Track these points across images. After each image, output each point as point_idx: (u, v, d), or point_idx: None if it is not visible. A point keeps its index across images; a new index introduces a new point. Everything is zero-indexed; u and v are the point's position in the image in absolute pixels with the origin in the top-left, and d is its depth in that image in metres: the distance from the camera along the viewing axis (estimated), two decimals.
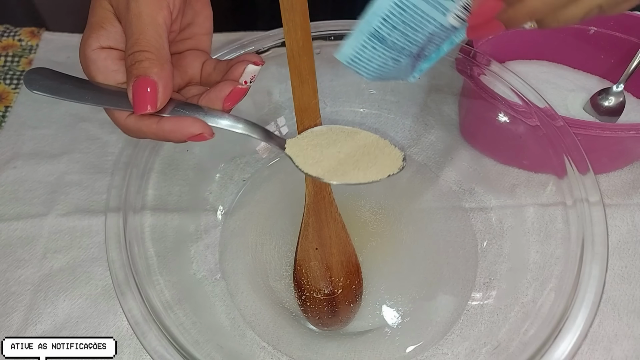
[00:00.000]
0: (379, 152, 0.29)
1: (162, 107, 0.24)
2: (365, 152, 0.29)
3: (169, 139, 0.24)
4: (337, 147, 0.29)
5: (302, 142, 0.29)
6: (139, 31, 0.23)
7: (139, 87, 0.23)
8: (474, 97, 0.40)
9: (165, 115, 0.24)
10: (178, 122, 0.24)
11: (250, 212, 0.41)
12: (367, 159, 0.29)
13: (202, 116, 0.25)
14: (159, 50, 0.23)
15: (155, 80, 0.23)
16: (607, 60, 0.45)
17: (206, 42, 0.29)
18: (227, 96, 0.25)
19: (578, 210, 0.31)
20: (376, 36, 0.24)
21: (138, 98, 0.23)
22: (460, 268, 0.38)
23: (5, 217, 0.41)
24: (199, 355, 0.28)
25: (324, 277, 0.36)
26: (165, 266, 0.33)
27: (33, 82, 0.24)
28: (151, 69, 0.23)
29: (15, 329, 0.35)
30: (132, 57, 0.23)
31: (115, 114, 0.25)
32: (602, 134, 0.35)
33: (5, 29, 0.54)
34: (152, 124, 0.24)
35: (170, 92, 0.24)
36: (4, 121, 0.47)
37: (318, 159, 0.28)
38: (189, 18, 0.28)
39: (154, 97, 0.23)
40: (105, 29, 0.25)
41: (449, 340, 0.34)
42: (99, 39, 0.24)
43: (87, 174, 0.44)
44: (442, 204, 0.42)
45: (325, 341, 0.35)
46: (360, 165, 0.28)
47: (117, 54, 0.25)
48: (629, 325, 0.35)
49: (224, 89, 0.25)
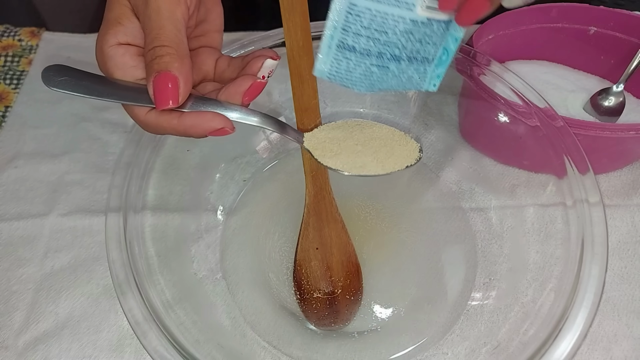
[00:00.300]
0: (395, 144, 0.29)
1: (183, 102, 0.24)
2: (382, 144, 0.29)
3: (189, 134, 0.24)
4: (354, 140, 0.29)
5: (319, 135, 0.29)
6: (158, 26, 0.23)
7: (161, 82, 0.23)
8: (474, 97, 0.40)
9: (185, 111, 0.24)
10: (199, 116, 0.24)
11: (251, 212, 0.42)
12: (385, 151, 0.29)
13: (222, 110, 0.25)
14: (178, 45, 0.23)
15: (176, 75, 0.23)
16: (607, 61, 0.45)
17: (218, 39, 0.29)
18: (246, 90, 0.25)
19: (578, 210, 0.31)
20: (344, 46, 0.23)
21: (159, 93, 0.23)
22: (460, 268, 0.38)
23: (7, 217, 0.41)
24: (200, 355, 0.28)
25: (324, 277, 0.36)
26: (165, 266, 0.33)
27: (50, 79, 0.24)
28: (172, 64, 0.23)
29: (16, 327, 0.36)
30: (153, 52, 0.23)
31: (134, 110, 0.25)
32: (602, 134, 0.35)
33: (5, 29, 0.54)
34: (173, 119, 0.24)
35: (191, 86, 0.24)
36: (4, 121, 0.48)
37: (336, 151, 0.29)
38: (201, 15, 0.28)
39: (175, 92, 0.23)
40: (123, 25, 0.24)
41: (449, 340, 0.34)
42: (116, 35, 0.24)
43: (88, 174, 0.44)
44: (442, 204, 0.42)
45: (325, 341, 0.36)
46: (378, 157, 0.29)
47: (135, 50, 0.25)
48: (629, 326, 0.35)
49: (244, 83, 0.25)
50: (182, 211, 0.38)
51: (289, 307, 0.37)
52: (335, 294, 0.36)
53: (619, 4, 0.59)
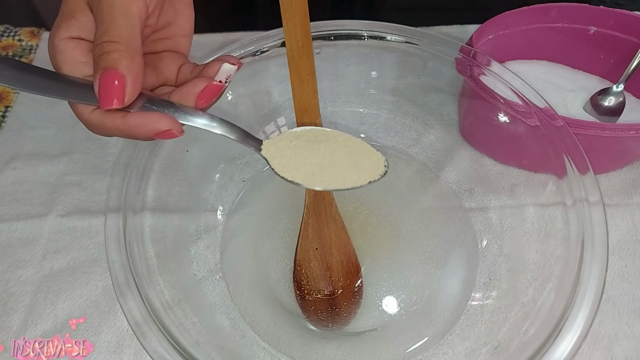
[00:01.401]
0: (360, 157, 0.28)
1: (129, 103, 0.22)
2: (346, 156, 0.28)
3: (134, 136, 0.23)
4: (316, 150, 0.28)
5: (280, 144, 0.28)
6: (109, 20, 0.22)
7: (106, 80, 0.21)
8: (474, 97, 0.40)
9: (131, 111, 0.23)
10: (144, 116, 0.23)
11: (250, 213, 0.41)
12: (348, 164, 0.27)
13: (173, 113, 0.23)
14: (129, 42, 0.22)
15: (123, 74, 0.21)
16: (607, 60, 0.45)
17: (185, 44, 0.28)
18: (201, 92, 0.24)
19: (578, 210, 0.30)
20: None
21: (104, 92, 0.21)
22: (460, 268, 0.38)
23: (6, 218, 0.41)
24: (199, 355, 0.27)
25: (324, 277, 0.36)
26: (165, 267, 0.33)
27: None
28: (120, 62, 0.21)
29: (15, 329, 0.35)
30: (100, 48, 0.22)
31: (79, 109, 0.23)
32: (602, 134, 0.35)
33: (5, 29, 0.54)
34: (117, 119, 0.22)
35: (140, 87, 0.22)
36: (3, 122, 0.47)
37: (296, 162, 0.27)
38: (169, 17, 0.27)
39: (121, 91, 0.21)
40: (76, 19, 0.23)
41: (449, 340, 0.34)
42: (68, 29, 0.23)
43: (87, 175, 0.44)
44: (442, 204, 0.42)
45: (325, 341, 0.35)
46: (341, 170, 0.27)
47: (87, 46, 0.23)
48: (629, 325, 0.35)
49: (198, 84, 0.24)
50: (182, 212, 0.38)
51: (288, 308, 0.37)
52: (335, 294, 0.36)
53: (619, 4, 0.59)
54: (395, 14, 0.62)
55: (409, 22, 0.39)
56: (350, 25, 0.39)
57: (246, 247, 0.39)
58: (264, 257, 0.39)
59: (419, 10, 0.61)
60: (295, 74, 0.28)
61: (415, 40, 0.39)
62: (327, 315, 0.36)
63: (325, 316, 0.36)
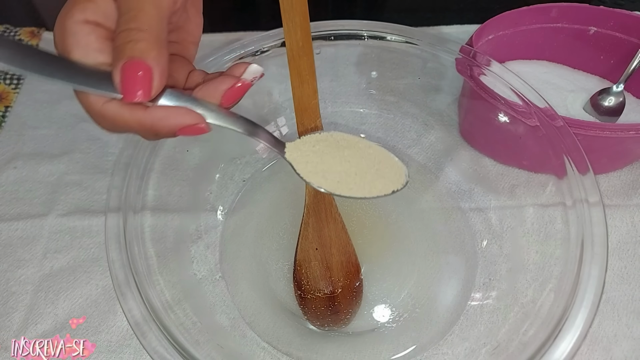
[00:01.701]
0: (382, 165, 0.28)
1: (155, 97, 0.21)
2: (369, 164, 0.28)
3: (156, 130, 0.21)
4: (339, 156, 0.28)
5: (303, 147, 0.28)
6: (138, 7, 0.20)
7: (130, 70, 0.19)
8: (474, 97, 0.40)
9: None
10: (170, 109, 0.21)
11: (251, 212, 0.41)
12: (372, 172, 0.27)
13: (197, 108, 0.22)
14: (158, 33, 0.20)
15: (150, 66, 0.20)
16: (607, 61, 0.45)
17: (192, 51, 0.27)
18: (228, 90, 0.23)
19: (578, 210, 0.30)
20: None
21: (127, 82, 0.20)
22: (460, 268, 0.38)
23: (6, 217, 0.41)
24: (199, 355, 0.28)
25: (324, 277, 0.36)
26: (165, 266, 0.33)
27: None
28: (148, 52, 0.20)
29: (15, 329, 0.36)
30: (127, 35, 0.20)
31: (89, 99, 0.21)
32: (602, 134, 0.35)
33: (5, 29, 0.54)
34: (138, 111, 0.21)
35: (165, 81, 0.21)
36: (4, 121, 0.48)
37: (320, 167, 0.27)
38: (181, 21, 0.26)
39: (147, 83, 0.20)
40: (93, 2, 0.21)
41: (449, 340, 0.34)
42: (84, 11, 0.20)
43: (87, 174, 0.44)
44: (441, 204, 0.42)
45: (325, 341, 0.35)
46: (365, 179, 0.27)
47: (104, 33, 0.21)
48: (629, 326, 0.35)
49: (225, 81, 0.23)
50: (182, 211, 0.38)
51: (288, 308, 0.37)
52: (335, 294, 0.36)
53: (619, 4, 0.59)
54: (395, 15, 0.62)
55: (409, 22, 0.39)
56: (351, 25, 0.39)
57: (246, 247, 0.39)
58: (264, 256, 0.39)
59: (419, 11, 0.61)
60: (296, 74, 0.28)
61: (415, 40, 0.39)
62: (327, 315, 0.36)
63: (325, 316, 0.36)
